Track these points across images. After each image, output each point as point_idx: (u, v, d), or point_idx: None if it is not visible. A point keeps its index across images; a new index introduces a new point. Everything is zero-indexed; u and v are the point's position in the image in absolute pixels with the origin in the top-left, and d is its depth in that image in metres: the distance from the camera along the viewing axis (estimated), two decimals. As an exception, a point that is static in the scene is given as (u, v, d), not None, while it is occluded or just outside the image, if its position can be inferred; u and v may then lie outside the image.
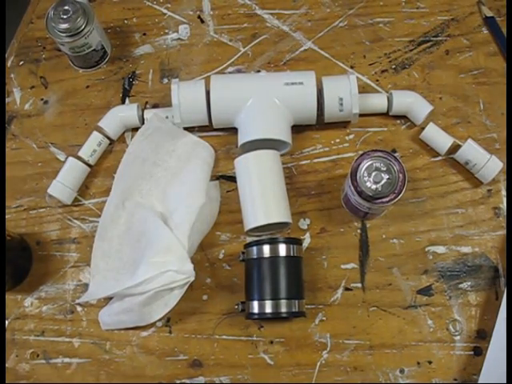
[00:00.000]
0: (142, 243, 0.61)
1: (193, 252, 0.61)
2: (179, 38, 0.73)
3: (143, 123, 0.66)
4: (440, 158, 0.64)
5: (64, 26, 0.64)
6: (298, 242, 0.58)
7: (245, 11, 0.73)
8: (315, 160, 0.65)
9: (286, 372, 0.58)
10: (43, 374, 0.60)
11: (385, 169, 0.53)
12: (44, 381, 0.60)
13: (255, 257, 0.56)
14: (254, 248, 0.57)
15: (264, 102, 0.62)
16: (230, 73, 0.70)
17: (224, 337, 0.60)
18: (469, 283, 0.59)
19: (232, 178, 0.65)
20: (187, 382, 0.58)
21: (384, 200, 0.53)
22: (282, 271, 0.55)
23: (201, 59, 0.71)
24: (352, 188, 0.54)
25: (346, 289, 0.60)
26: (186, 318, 0.60)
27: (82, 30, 0.65)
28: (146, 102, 0.70)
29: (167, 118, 0.65)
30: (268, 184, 0.59)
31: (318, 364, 0.58)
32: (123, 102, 0.70)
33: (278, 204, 0.59)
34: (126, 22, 0.74)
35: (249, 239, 0.62)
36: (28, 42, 0.74)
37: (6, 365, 0.60)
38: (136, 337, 0.60)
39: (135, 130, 0.66)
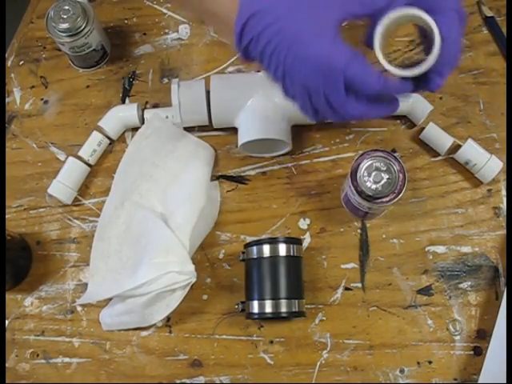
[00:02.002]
0: (141, 243, 0.61)
1: (192, 252, 0.61)
2: (179, 38, 0.73)
3: (143, 123, 0.66)
4: (440, 157, 0.64)
5: (64, 25, 0.64)
6: (298, 241, 0.58)
7: (245, 11, 0.73)
8: (315, 160, 0.65)
9: (285, 372, 0.58)
10: (43, 373, 0.60)
11: (385, 169, 0.53)
12: (44, 381, 0.60)
13: (255, 256, 0.56)
14: (254, 248, 0.57)
15: (264, 101, 0.62)
16: (230, 73, 0.70)
17: (224, 337, 0.60)
18: (469, 283, 0.59)
19: (232, 178, 0.65)
20: (187, 381, 0.58)
21: (384, 200, 0.53)
22: (282, 271, 0.55)
23: (201, 59, 0.71)
24: (352, 188, 0.54)
25: (346, 289, 0.60)
26: (186, 317, 0.60)
27: (82, 29, 0.65)
28: (146, 102, 0.70)
29: (167, 117, 0.65)
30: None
31: (318, 364, 0.58)
32: (123, 102, 0.70)
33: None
34: (126, 21, 0.74)
35: (249, 239, 0.62)
36: (28, 41, 0.74)
37: (6, 365, 0.60)
38: (136, 337, 0.60)
39: (135, 129, 0.66)
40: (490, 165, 0.60)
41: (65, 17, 0.64)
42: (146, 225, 0.61)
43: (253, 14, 0.42)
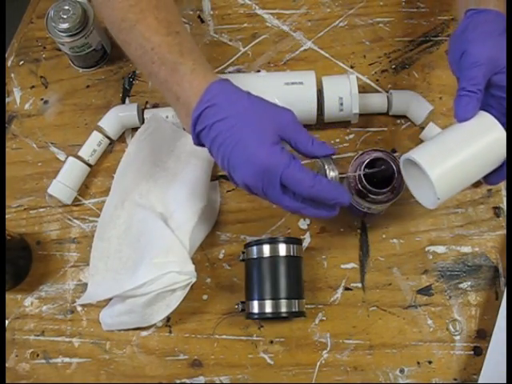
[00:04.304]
0: (141, 243, 0.61)
1: (193, 252, 0.61)
2: (179, 38, 0.73)
3: (143, 123, 0.66)
4: (440, 157, 0.64)
5: (64, 25, 0.64)
6: (298, 241, 0.58)
7: (245, 11, 0.73)
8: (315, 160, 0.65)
9: (286, 372, 0.58)
10: (43, 373, 0.60)
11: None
12: (44, 381, 0.60)
13: (255, 256, 0.56)
14: (254, 248, 0.57)
15: (264, 101, 0.62)
16: (229, 73, 0.70)
17: (224, 337, 0.60)
18: (469, 283, 0.59)
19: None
20: (187, 381, 0.58)
21: (383, 199, 0.53)
22: (282, 271, 0.55)
23: (201, 59, 0.71)
24: (351, 187, 0.54)
25: (346, 289, 0.60)
26: (186, 317, 0.60)
27: (82, 29, 0.65)
28: (146, 102, 0.69)
29: (167, 117, 0.65)
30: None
31: (318, 364, 0.58)
32: (123, 102, 0.70)
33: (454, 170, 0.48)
34: (126, 21, 0.74)
35: (249, 239, 0.62)
36: (28, 41, 0.74)
37: (6, 365, 0.60)
38: (136, 337, 0.60)
39: (135, 129, 0.66)
40: (490, 165, 0.60)
41: (65, 17, 0.64)
42: (146, 225, 0.61)
43: (210, 106, 0.47)
